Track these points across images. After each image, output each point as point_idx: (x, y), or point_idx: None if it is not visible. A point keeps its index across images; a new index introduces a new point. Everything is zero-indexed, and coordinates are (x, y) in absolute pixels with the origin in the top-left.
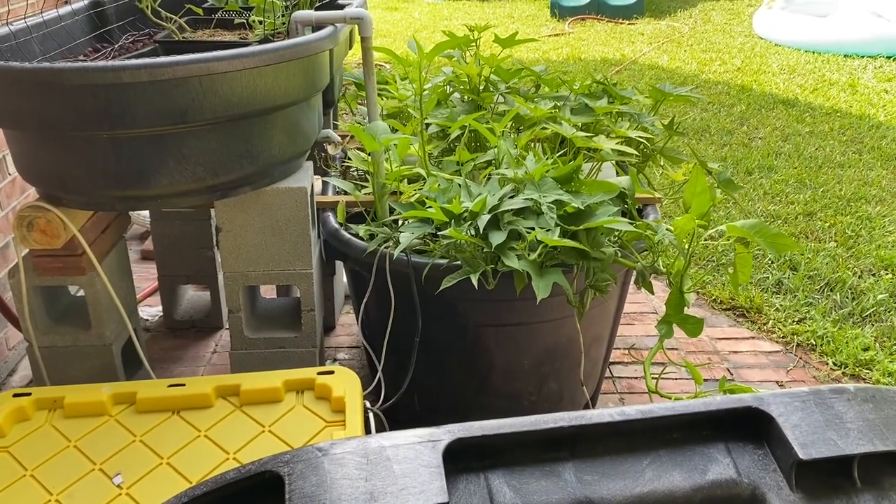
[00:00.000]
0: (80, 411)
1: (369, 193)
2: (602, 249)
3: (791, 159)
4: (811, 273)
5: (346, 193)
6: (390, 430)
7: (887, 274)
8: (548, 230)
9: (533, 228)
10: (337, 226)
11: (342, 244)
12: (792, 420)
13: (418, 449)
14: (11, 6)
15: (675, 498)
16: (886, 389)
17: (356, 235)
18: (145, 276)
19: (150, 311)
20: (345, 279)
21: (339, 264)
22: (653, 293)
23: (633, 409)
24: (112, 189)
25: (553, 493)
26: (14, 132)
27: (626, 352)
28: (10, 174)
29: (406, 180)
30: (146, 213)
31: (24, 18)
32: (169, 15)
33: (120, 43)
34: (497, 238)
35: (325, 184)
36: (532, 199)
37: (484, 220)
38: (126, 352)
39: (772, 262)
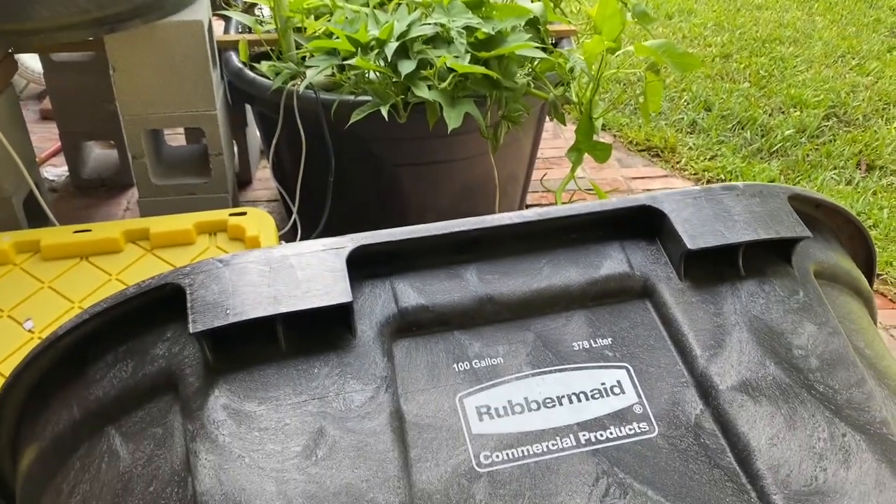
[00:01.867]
0: None
1: (273, 31)
2: (514, 79)
3: (711, 2)
4: (724, 113)
5: (248, 31)
6: None
7: (795, 111)
8: (458, 57)
9: (443, 56)
10: (240, 65)
11: (247, 84)
12: (683, 215)
13: (322, 256)
14: None
15: (570, 291)
16: (773, 186)
17: (261, 74)
18: (47, 137)
19: (56, 171)
20: (258, 132)
21: (252, 117)
22: (565, 124)
23: (532, 212)
24: None
25: (456, 292)
26: None
27: (545, 195)
28: None
29: (312, 16)
30: (39, 68)
31: None
32: None
33: None
34: (406, 67)
35: (227, 21)
36: (441, 23)
37: (392, 47)
38: (29, 208)
39: (687, 104)
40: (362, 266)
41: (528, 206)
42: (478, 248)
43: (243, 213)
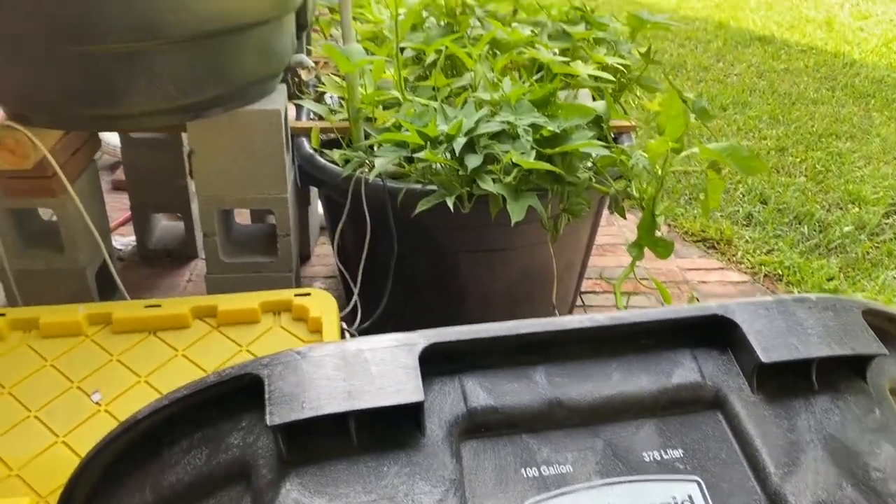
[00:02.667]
0: (56, 331)
1: (344, 119)
2: (577, 174)
3: (765, 95)
4: (781, 206)
5: (320, 118)
6: None
7: (854, 207)
8: (523, 153)
9: (509, 152)
10: (311, 151)
11: (317, 169)
12: (755, 326)
13: (395, 352)
14: None
15: (641, 399)
16: (846, 299)
17: (331, 161)
18: (117, 207)
19: (124, 240)
20: (320, 210)
21: (314, 195)
22: (625, 217)
23: (604, 316)
24: (81, 107)
25: (524, 394)
26: None
27: (599, 282)
28: None
29: (381, 106)
30: (116, 142)
31: None
32: None
33: None
34: (473, 161)
35: (298, 109)
36: (508, 121)
37: (460, 142)
38: (101, 278)
39: (743, 196)
40: (433, 362)
41: (582, 294)
42: (547, 350)
43: (307, 294)
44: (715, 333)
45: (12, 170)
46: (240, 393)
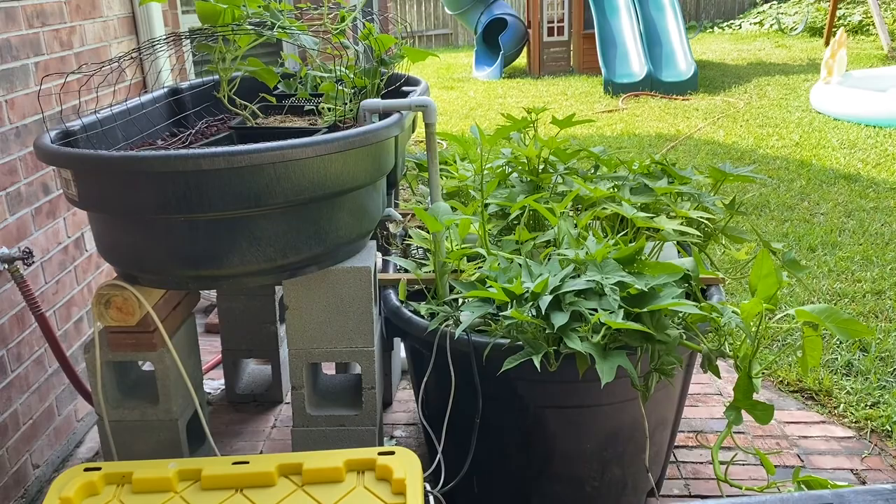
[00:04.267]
0: (148, 487)
1: (430, 272)
2: (667, 332)
3: (856, 236)
4: (883, 354)
5: (406, 271)
6: None
7: None
8: (611, 312)
9: (595, 310)
10: (398, 303)
11: (403, 322)
12: None
13: None
14: (98, 94)
15: None
16: None
17: (417, 313)
18: (209, 350)
19: (213, 384)
20: (402, 354)
21: (397, 341)
22: (719, 377)
23: None
24: (187, 269)
25: None
26: (97, 215)
27: (692, 435)
28: (87, 251)
29: (466, 259)
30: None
31: (110, 106)
32: (243, 102)
33: (196, 128)
34: (559, 319)
35: (385, 262)
36: (595, 280)
37: (546, 300)
38: (190, 425)
39: (840, 343)
40: None
41: (675, 448)
42: None
43: (391, 453)
44: None
45: (117, 325)
46: None
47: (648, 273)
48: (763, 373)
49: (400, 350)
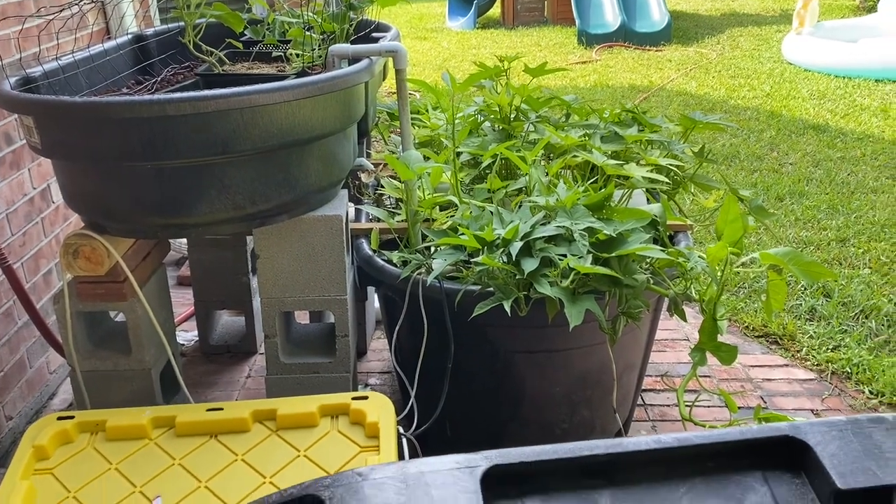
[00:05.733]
0: (122, 434)
1: (402, 220)
2: (634, 276)
3: (823, 185)
4: (845, 300)
5: (379, 220)
6: (423, 455)
7: None
8: (580, 257)
9: (565, 255)
10: (370, 252)
11: (375, 270)
12: (829, 449)
13: (456, 475)
14: (59, 41)
15: None
16: None
17: (389, 262)
18: (181, 302)
19: (186, 335)
20: (377, 304)
21: (371, 289)
22: (686, 321)
23: (670, 437)
24: (155, 218)
25: None
26: (62, 163)
27: (658, 379)
28: (53, 202)
29: (438, 207)
30: (183, 239)
31: (72, 53)
32: (209, 48)
33: (162, 76)
34: (529, 265)
35: (358, 211)
36: (564, 226)
37: (516, 247)
38: (164, 376)
39: (805, 289)
40: (494, 484)
41: (643, 392)
42: (612, 473)
43: (365, 398)
44: (786, 455)
45: (86, 276)
46: None
47: (617, 219)
48: (729, 319)
49: (374, 301)
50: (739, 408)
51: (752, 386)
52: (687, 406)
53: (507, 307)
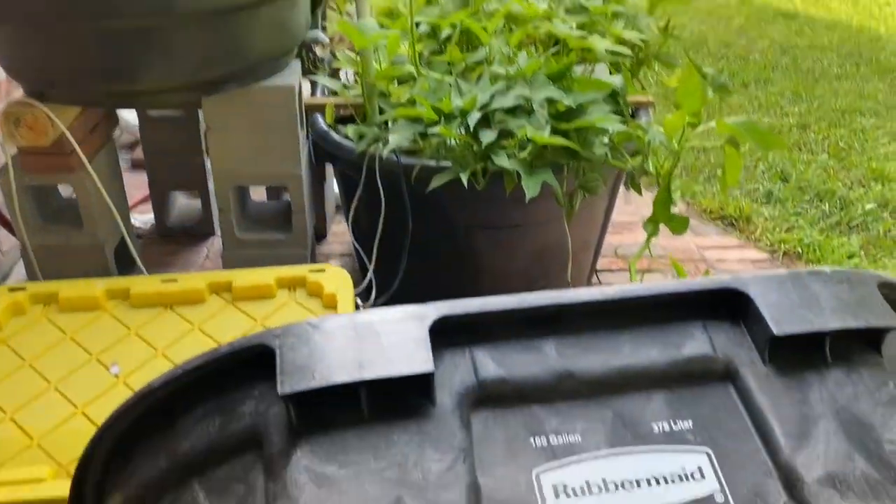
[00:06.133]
0: (75, 305)
1: (358, 95)
2: (593, 149)
3: (788, 72)
4: (802, 184)
5: (334, 94)
6: None
7: (877, 185)
8: (538, 128)
9: (524, 127)
10: (326, 127)
11: (331, 145)
12: (768, 299)
13: (406, 324)
14: None
15: (651, 371)
16: (862, 272)
17: (345, 137)
18: (137, 185)
19: (143, 218)
20: (336, 188)
21: (330, 173)
22: (641, 194)
23: (614, 289)
24: (98, 84)
25: (534, 365)
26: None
27: (616, 260)
28: None
29: (396, 81)
30: (135, 121)
31: None
32: None
33: None
34: (487, 136)
35: (313, 85)
36: (523, 95)
37: (474, 117)
38: (120, 255)
39: (763, 173)
40: (443, 334)
41: (598, 272)
42: (557, 323)
43: (322, 270)
44: (727, 306)
45: (31, 146)
46: (252, 363)
47: (577, 90)
48: (688, 202)
49: (333, 185)
50: None
51: (705, 265)
52: (639, 277)
53: (464, 179)
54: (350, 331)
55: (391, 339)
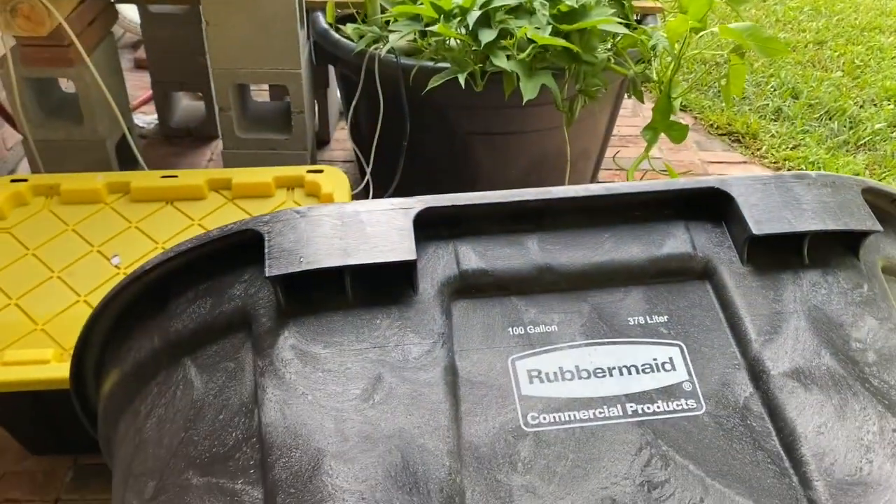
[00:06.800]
0: (76, 198)
1: None
2: (594, 53)
3: None
4: (812, 101)
5: None
6: None
7: (889, 104)
8: (539, 28)
9: (524, 27)
10: (326, 26)
11: (331, 45)
12: (751, 200)
13: (391, 214)
14: None
15: (630, 267)
16: (846, 177)
17: (346, 36)
18: (140, 85)
19: (146, 118)
20: (338, 94)
21: (333, 78)
22: (643, 101)
23: (599, 187)
24: None
25: (516, 258)
26: None
27: (618, 173)
28: None
29: None
30: (136, 18)
31: None
32: None
33: None
34: (487, 36)
35: None
36: None
37: (474, 15)
38: (122, 152)
39: (774, 90)
40: (428, 227)
41: (598, 183)
42: (541, 219)
43: (320, 171)
44: (711, 207)
45: (29, 37)
46: (242, 248)
47: None
48: (695, 116)
49: (336, 91)
50: None
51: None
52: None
53: (461, 80)
54: (336, 219)
55: (376, 229)
